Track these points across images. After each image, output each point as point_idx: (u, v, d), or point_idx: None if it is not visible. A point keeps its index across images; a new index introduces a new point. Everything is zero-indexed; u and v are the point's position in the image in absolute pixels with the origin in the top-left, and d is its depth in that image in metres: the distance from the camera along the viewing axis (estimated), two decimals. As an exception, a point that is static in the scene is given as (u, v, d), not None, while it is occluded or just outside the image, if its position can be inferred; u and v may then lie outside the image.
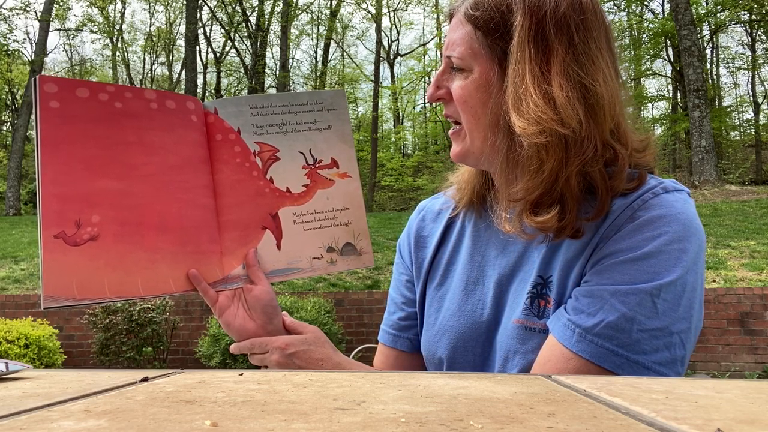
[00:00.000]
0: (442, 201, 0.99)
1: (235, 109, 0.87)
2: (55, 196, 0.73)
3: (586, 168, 0.72)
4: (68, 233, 0.73)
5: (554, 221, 0.73)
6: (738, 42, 29.40)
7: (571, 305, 0.73)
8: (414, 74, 27.39)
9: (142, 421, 0.35)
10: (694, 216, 0.75)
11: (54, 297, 0.71)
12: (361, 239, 0.93)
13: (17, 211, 16.63)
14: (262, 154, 0.88)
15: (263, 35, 23.81)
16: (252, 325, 0.88)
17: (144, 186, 0.78)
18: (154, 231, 0.78)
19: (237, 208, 0.86)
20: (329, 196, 0.91)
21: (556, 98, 0.70)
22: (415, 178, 22.91)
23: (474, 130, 0.79)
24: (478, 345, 0.84)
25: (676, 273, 0.70)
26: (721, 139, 20.47)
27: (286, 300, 6.35)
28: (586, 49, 0.73)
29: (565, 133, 0.70)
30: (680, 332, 0.70)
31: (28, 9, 21.44)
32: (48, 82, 0.74)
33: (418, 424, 0.34)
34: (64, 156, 0.74)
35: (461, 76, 0.79)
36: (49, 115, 0.73)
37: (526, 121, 0.70)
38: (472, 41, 0.77)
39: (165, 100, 0.82)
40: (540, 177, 0.72)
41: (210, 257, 0.84)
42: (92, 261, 0.74)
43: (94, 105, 0.76)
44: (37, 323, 5.73)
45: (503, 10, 0.74)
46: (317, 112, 0.92)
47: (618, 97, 0.75)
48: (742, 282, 6.91)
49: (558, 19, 0.72)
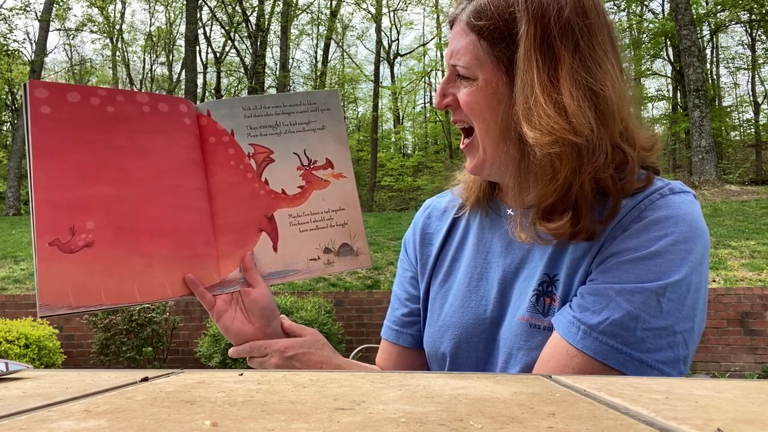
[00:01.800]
0: (449, 199, 0.99)
1: (228, 111, 0.87)
2: (48, 203, 0.71)
3: (598, 174, 0.73)
4: (63, 240, 0.72)
5: (567, 227, 0.73)
6: (738, 42, 29.40)
7: (577, 303, 0.74)
8: (414, 74, 27.39)
9: (142, 421, 0.35)
10: (700, 218, 0.75)
11: (50, 305, 0.70)
12: (358, 240, 0.93)
13: (17, 211, 16.63)
14: (256, 156, 0.88)
15: (263, 35, 23.81)
16: (250, 329, 0.88)
17: (138, 191, 0.78)
18: (149, 236, 0.78)
19: (232, 211, 0.85)
20: (325, 197, 0.91)
21: (567, 107, 0.70)
22: (415, 178, 22.90)
23: (485, 137, 0.79)
24: (481, 341, 0.84)
25: (681, 273, 0.71)
26: (721, 139, 20.47)
27: (286, 300, 6.35)
28: (591, 52, 0.73)
29: (578, 142, 0.70)
30: (684, 332, 0.71)
31: (28, 9, 21.44)
32: (38, 87, 0.73)
33: (418, 424, 0.34)
34: (56, 162, 0.72)
35: (467, 83, 0.78)
36: (40, 120, 0.72)
37: (539, 131, 0.71)
38: (476, 50, 0.77)
39: (157, 103, 0.81)
40: (554, 185, 0.72)
41: (206, 261, 0.83)
42: (88, 268, 0.73)
43: (86, 109, 0.75)
44: (37, 323, 5.72)
45: (507, 19, 0.74)
46: (311, 112, 0.91)
47: (625, 98, 0.75)
48: (742, 282, 6.91)
49: (562, 25, 0.72)
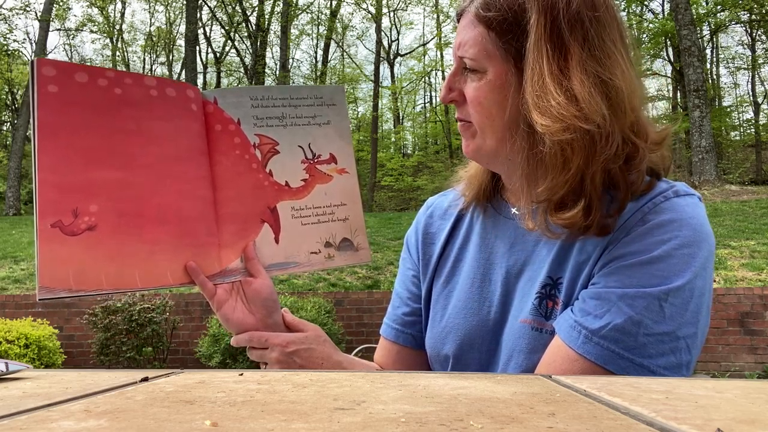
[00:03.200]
0: (451, 198, 0.98)
1: (235, 100, 0.86)
2: (52, 185, 0.70)
3: (609, 165, 0.72)
4: (65, 222, 0.71)
5: (579, 217, 0.72)
6: (738, 42, 29.41)
7: (579, 307, 0.73)
8: (414, 74, 27.40)
9: (142, 421, 0.35)
10: (705, 221, 0.75)
11: (50, 288, 0.69)
12: (358, 235, 0.93)
13: (17, 211, 16.63)
14: (261, 147, 0.87)
15: (263, 35, 23.79)
16: (251, 319, 0.88)
17: (142, 176, 0.77)
18: (152, 222, 0.77)
19: (236, 200, 0.85)
20: (327, 191, 0.91)
21: (578, 94, 0.70)
22: (415, 178, 22.89)
23: (487, 128, 0.78)
24: (484, 343, 0.84)
25: (684, 278, 0.70)
26: (721, 139, 20.47)
27: (286, 300, 6.35)
28: (601, 44, 0.72)
29: (590, 129, 0.69)
30: (686, 337, 0.70)
31: (28, 9, 21.46)
32: (46, 65, 0.71)
33: (418, 424, 0.34)
34: (61, 143, 0.71)
35: (475, 77, 0.78)
36: (47, 99, 0.71)
37: (549, 118, 0.70)
38: (485, 42, 0.76)
39: (165, 88, 0.80)
40: (565, 175, 0.71)
41: (208, 250, 0.82)
42: (89, 251, 0.72)
43: (93, 91, 0.74)
44: (37, 323, 5.72)
45: (516, 10, 0.74)
46: (317, 106, 0.91)
47: (636, 90, 0.74)
48: (742, 282, 6.91)
49: (572, 16, 0.72)
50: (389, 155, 25.96)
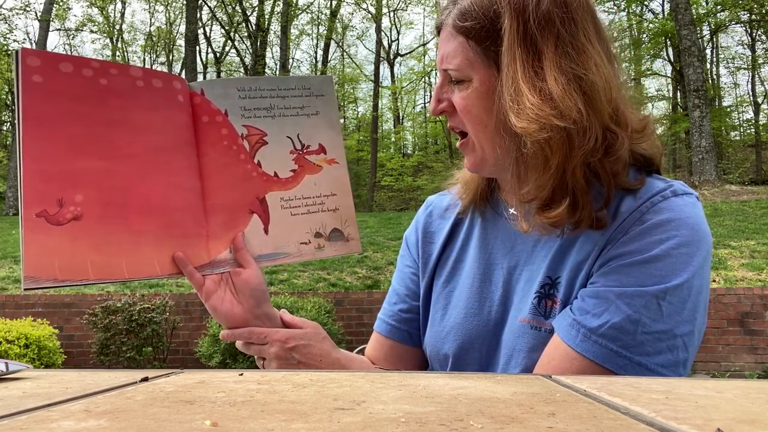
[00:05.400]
0: (450, 198, 0.99)
1: (222, 91, 0.86)
2: (37, 174, 0.70)
3: (588, 158, 0.72)
4: (50, 212, 0.71)
5: (564, 214, 0.73)
6: (738, 42, 29.42)
7: (577, 305, 0.74)
8: (414, 74, 27.39)
9: (142, 421, 0.35)
10: (703, 220, 0.75)
11: (35, 278, 0.69)
12: (349, 225, 0.93)
13: (17, 211, 16.61)
14: (249, 138, 0.87)
15: (263, 35, 23.79)
16: (240, 310, 0.87)
17: (128, 167, 0.76)
18: (138, 213, 0.77)
19: (224, 191, 0.85)
20: (317, 181, 0.91)
21: (553, 92, 0.70)
22: (415, 178, 22.90)
23: (482, 138, 0.79)
24: (485, 343, 0.84)
25: (682, 277, 0.70)
26: (721, 139, 20.47)
27: (286, 300, 6.35)
28: (573, 40, 0.73)
29: (566, 126, 0.70)
30: (684, 335, 0.71)
31: (28, 9, 21.47)
32: (30, 55, 0.71)
33: (418, 424, 0.34)
34: (46, 133, 0.71)
35: (461, 87, 0.79)
36: (31, 89, 0.70)
37: (525, 120, 0.71)
38: (466, 51, 0.77)
39: (151, 79, 0.80)
40: (548, 173, 0.72)
41: (196, 241, 0.82)
42: (75, 241, 0.72)
43: (78, 81, 0.74)
44: (37, 323, 5.72)
45: (491, 17, 0.74)
46: (305, 97, 0.91)
47: (613, 81, 0.75)
48: (742, 282, 6.91)
49: (542, 17, 0.72)
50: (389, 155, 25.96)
